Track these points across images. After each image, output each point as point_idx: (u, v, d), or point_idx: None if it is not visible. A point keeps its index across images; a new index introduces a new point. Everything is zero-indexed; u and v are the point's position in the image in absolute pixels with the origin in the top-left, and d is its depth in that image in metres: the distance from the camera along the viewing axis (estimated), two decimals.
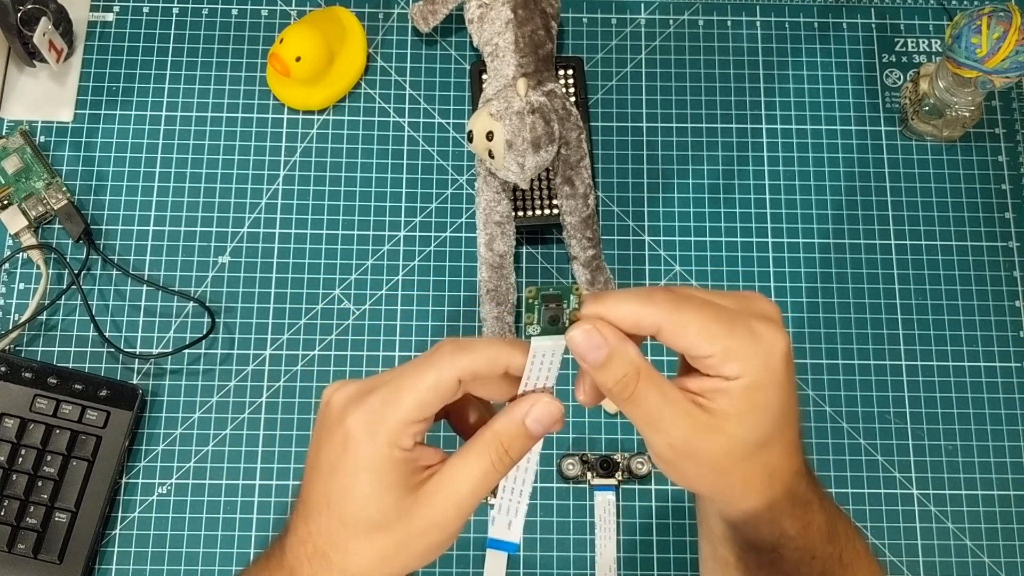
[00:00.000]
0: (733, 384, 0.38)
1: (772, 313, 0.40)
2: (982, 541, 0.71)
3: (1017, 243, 0.78)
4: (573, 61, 0.77)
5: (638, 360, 0.39)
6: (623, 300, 0.39)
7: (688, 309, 0.38)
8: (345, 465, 0.39)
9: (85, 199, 0.77)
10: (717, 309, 0.39)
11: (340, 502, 0.40)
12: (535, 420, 0.40)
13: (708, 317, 0.38)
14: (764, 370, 0.38)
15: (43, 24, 0.74)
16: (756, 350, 0.38)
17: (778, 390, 0.39)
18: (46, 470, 0.69)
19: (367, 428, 0.39)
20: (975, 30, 0.69)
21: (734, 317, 0.39)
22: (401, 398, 0.39)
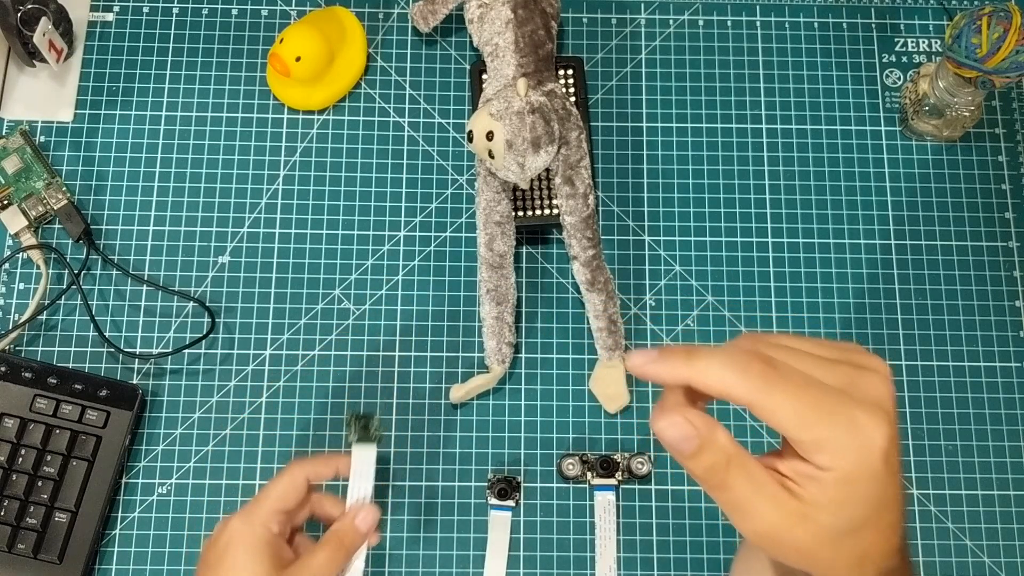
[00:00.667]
0: (825, 475, 0.36)
1: (880, 393, 0.37)
2: (982, 541, 0.71)
3: (1017, 243, 0.78)
4: (573, 61, 0.77)
5: (729, 447, 0.38)
6: (715, 366, 0.36)
7: (783, 390, 0.36)
8: (230, 551, 0.55)
9: (85, 199, 0.77)
10: (815, 392, 0.36)
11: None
12: (362, 520, 0.58)
13: (804, 402, 0.36)
14: (859, 464, 0.36)
15: (43, 24, 0.74)
16: (853, 443, 0.36)
17: (874, 483, 0.36)
18: (46, 470, 0.69)
19: (245, 520, 0.56)
20: (975, 30, 0.69)
21: (833, 403, 0.36)
22: (266, 494, 0.57)
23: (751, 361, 0.36)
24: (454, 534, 0.71)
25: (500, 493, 0.70)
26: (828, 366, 0.37)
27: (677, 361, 0.37)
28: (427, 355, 0.74)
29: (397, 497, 0.71)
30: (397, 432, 0.73)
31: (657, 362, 0.37)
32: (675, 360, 0.37)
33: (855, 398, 0.36)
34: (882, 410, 0.36)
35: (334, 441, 0.72)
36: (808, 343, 0.39)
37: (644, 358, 0.38)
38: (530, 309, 0.75)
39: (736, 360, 0.36)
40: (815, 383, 0.36)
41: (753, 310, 0.76)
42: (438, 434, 0.73)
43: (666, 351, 0.37)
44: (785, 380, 0.36)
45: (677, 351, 0.37)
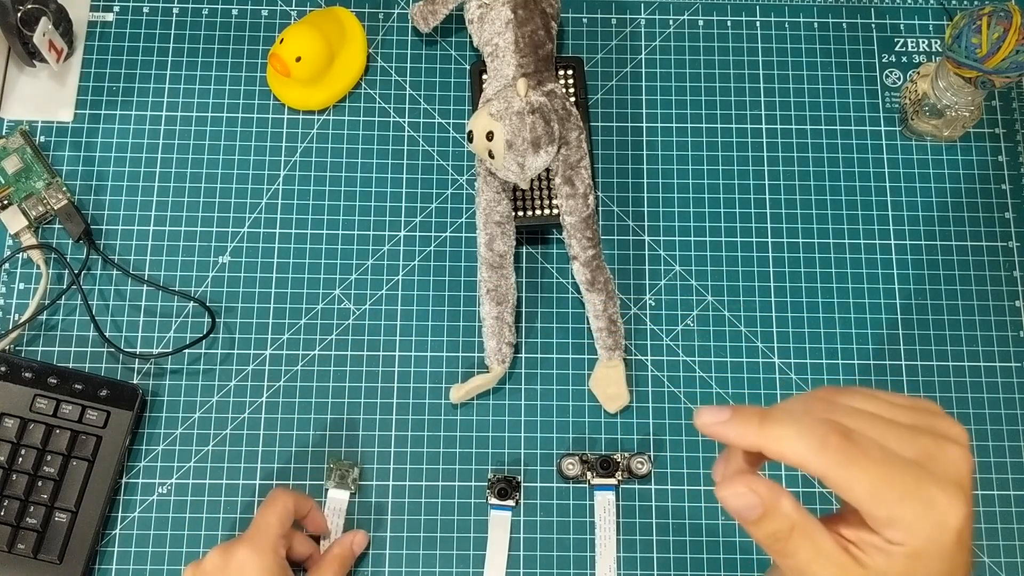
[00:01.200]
0: (895, 549, 0.36)
1: (959, 469, 0.36)
2: (982, 541, 0.71)
3: (1017, 243, 0.78)
4: (573, 61, 0.77)
5: (793, 514, 0.37)
6: (791, 437, 0.36)
7: (861, 466, 0.35)
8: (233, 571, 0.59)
9: (85, 199, 0.77)
10: (893, 469, 0.35)
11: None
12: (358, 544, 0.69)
13: (881, 478, 0.35)
14: (932, 541, 0.36)
15: (43, 24, 0.74)
16: (927, 522, 0.35)
17: (944, 559, 0.36)
18: (46, 470, 0.69)
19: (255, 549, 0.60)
20: (975, 30, 0.69)
21: (911, 481, 0.35)
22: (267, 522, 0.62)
23: (828, 434, 0.35)
24: (454, 534, 0.71)
25: (500, 493, 0.70)
26: (906, 436, 0.37)
27: (751, 426, 0.36)
28: (427, 355, 0.74)
29: (397, 497, 0.71)
30: (397, 432, 0.73)
31: (728, 425, 0.37)
32: (748, 425, 0.36)
33: (934, 474, 0.36)
34: (960, 488, 0.36)
35: (333, 441, 0.72)
36: (885, 404, 0.38)
37: (714, 417, 0.37)
38: (530, 309, 0.75)
39: (813, 432, 0.35)
40: (893, 459, 0.36)
41: (753, 310, 0.76)
42: (438, 434, 0.73)
43: (739, 413, 0.37)
44: (863, 455, 0.35)
45: (750, 415, 0.37)
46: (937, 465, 0.36)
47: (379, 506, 0.71)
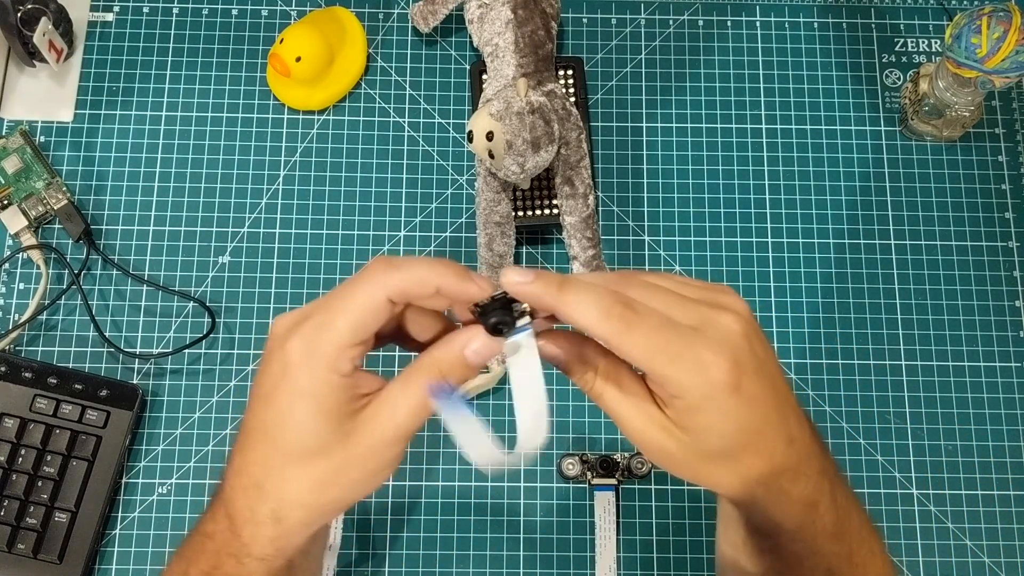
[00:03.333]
0: (676, 402, 0.39)
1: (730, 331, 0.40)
2: (982, 541, 0.71)
3: (1017, 243, 0.78)
4: (573, 61, 0.77)
5: (595, 360, 0.41)
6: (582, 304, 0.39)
7: (638, 331, 0.38)
8: (282, 392, 0.39)
9: (85, 199, 0.77)
10: (667, 333, 0.38)
11: (276, 428, 0.40)
12: (474, 352, 0.40)
13: (655, 342, 0.38)
14: (703, 397, 0.39)
15: (43, 24, 0.74)
16: (697, 379, 0.38)
17: (725, 414, 0.39)
18: (46, 470, 0.69)
19: (305, 354, 0.39)
20: (975, 30, 0.69)
21: (681, 342, 0.38)
22: (334, 322, 0.39)
23: (613, 304, 0.38)
24: (454, 534, 0.71)
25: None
26: (688, 306, 0.40)
27: (550, 290, 0.39)
28: None
29: (397, 497, 0.71)
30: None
31: (530, 286, 0.39)
32: (548, 288, 0.39)
33: (704, 337, 0.39)
34: (727, 347, 0.39)
35: None
36: (676, 282, 0.42)
37: (520, 277, 0.39)
38: None
39: (600, 302, 0.39)
40: (668, 324, 0.39)
41: (753, 310, 0.75)
42: (438, 434, 0.73)
43: (541, 277, 0.39)
44: (640, 322, 0.38)
45: (551, 280, 0.39)
46: (710, 329, 0.39)
47: (379, 506, 0.71)
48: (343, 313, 0.39)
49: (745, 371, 0.39)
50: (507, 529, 0.71)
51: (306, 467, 0.39)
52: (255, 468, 0.40)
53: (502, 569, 0.70)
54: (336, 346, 0.39)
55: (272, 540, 0.40)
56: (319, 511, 0.41)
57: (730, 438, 0.40)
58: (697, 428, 0.40)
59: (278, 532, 0.40)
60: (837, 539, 0.44)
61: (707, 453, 0.40)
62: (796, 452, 0.41)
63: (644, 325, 0.38)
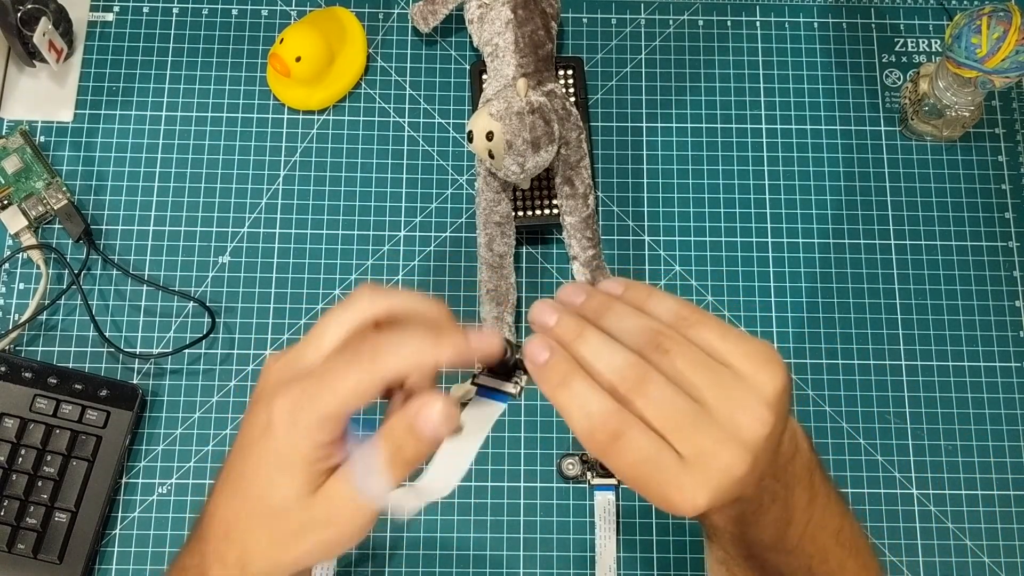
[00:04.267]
0: None
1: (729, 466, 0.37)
2: (982, 541, 0.71)
3: (1017, 243, 0.78)
4: (573, 61, 0.77)
5: None
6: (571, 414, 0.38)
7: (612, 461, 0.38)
8: (260, 448, 0.40)
9: (85, 199, 0.77)
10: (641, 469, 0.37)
11: (247, 481, 0.40)
12: (424, 421, 0.39)
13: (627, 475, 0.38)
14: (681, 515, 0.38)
15: (43, 24, 0.74)
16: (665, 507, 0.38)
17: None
18: (46, 470, 0.69)
19: (290, 419, 0.39)
20: (975, 30, 0.69)
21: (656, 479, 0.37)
22: (324, 396, 0.39)
23: (599, 431, 0.37)
24: (454, 534, 0.71)
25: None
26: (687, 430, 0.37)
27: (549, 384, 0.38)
28: None
29: None
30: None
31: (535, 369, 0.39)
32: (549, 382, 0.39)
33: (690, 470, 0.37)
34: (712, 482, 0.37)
35: None
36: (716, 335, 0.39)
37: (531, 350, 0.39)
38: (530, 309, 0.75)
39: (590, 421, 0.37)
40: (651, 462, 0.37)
41: (753, 310, 0.76)
42: None
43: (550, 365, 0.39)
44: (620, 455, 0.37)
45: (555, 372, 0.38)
46: (697, 465, 0.37)
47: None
48: (334, 392, 0.39)
49: (723, 497, 0.38)
50: (507, 529, 0.71)
51: (268, 523, 0.40)
52: (227, 513, 0.41)
53: (502, 569, 0.70)
54: (320, 419, 0.39)
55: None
56: (281, 567, 0.41)
57: None
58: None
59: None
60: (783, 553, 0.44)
61: None
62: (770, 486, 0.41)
63: (621, 459, 0.37)
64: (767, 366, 0.38)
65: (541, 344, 0.39)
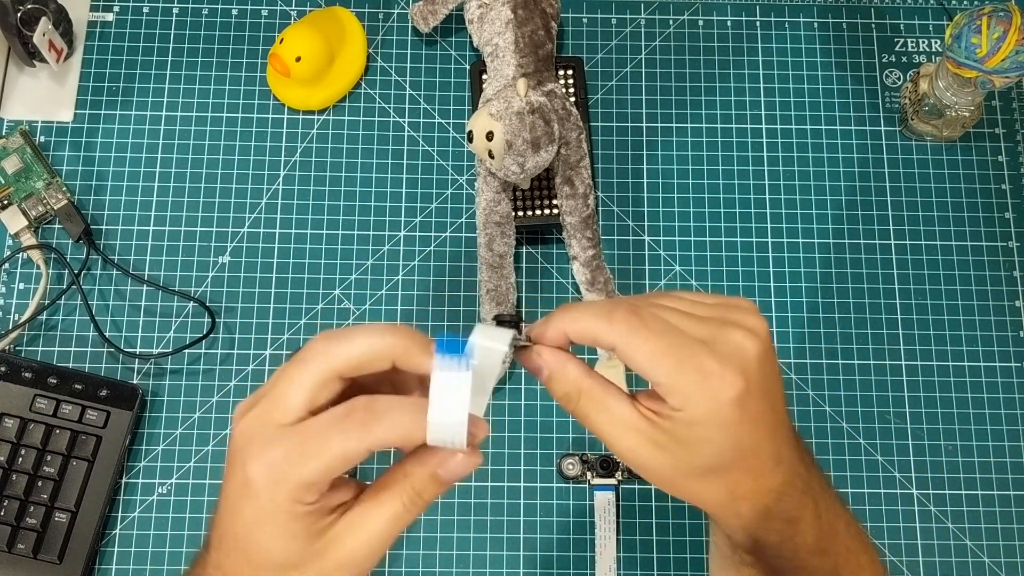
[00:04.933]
0: (676, 415, 0.39)
1: (742, 346, 0.39)
2: (982, 541, 0.71)
3: (1017, 243, 0.78)
4: (573, 61, 0.77)
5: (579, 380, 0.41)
6: (583, 316, 0.39)
7: (643, 335, 0.38)
8: (246, 509, 0.38)
9: (85, 199, 0.77)
10: (672, 339, 0.38)
11: (245, 541, 0.39)
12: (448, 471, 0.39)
13: (660, 347, 0.38)
14: (707, 411, 0.38)
15: (43, 24, 0.74)
16: (702, 391, 0.38)
17: (727, 429, 0.39)
18: (46, 470, 0.69)
19: (268, 481, 0.37)
20: (975, 30, 0.69)
21: (688, 352, 0.38)
22: (308, 462, 0.37)
23: (616, 308, 0.39)
24: (454, 534, 0.71)
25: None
26: (698, 320, 0.40)
27: (556, 316, 0.40)
28: None
29: None
30: None
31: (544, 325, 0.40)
32: (556, 318, 0.40)
33: (713, 350, 0.38)
34: (736, 362, 0.38)
35: None
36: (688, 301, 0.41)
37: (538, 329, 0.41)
38: (530, 309, 0.75)
39: (603, 310, 0.39)
40: (675, 332, 0.39)
41: None
42: None
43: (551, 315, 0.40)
44: (646, 327, 0.38)
45: (559, 310, 0.40)
46: (720, 344, 0.39)
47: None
48: (318, 459, 0.37)
49: (751, 389, 0.39)
50: (507, 529, 0.71)
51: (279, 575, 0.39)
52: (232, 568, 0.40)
53: (502, 569, 0.70)
54: (303, 483, 0.37)
55: None
56: None
57: (724, 454, 0.40)
58: (693, 441, 0.39)
59: None
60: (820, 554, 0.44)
61: (698, 468, 0.40)
62: (782, 472, 0.41)
63: (647, 329, 0.38)
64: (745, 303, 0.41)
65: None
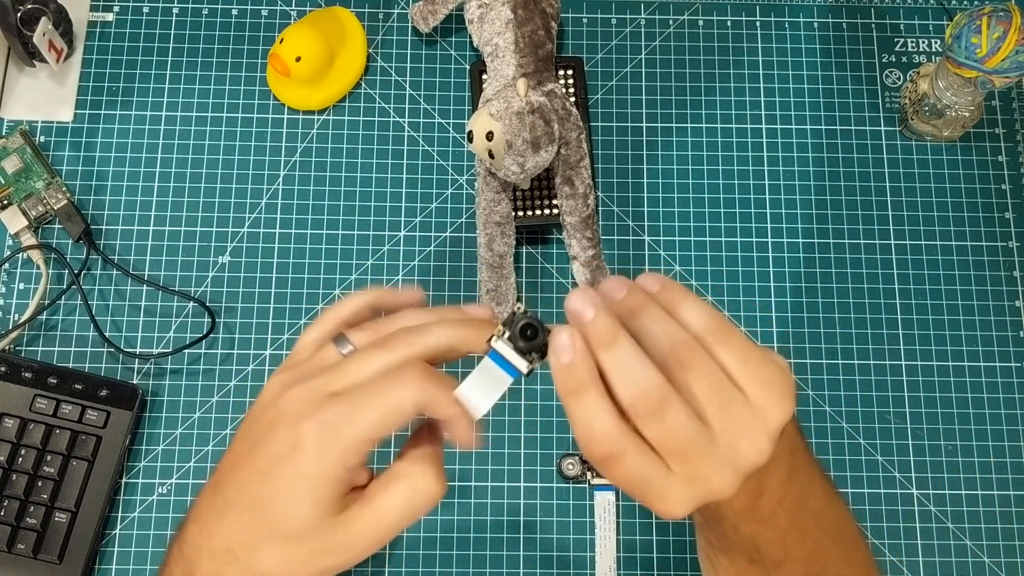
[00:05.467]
0: None
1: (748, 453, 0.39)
2: (982, 541, 0.71)
3: (1017, 243, 0.78)
4: (573, 61, 0.77)
5: None
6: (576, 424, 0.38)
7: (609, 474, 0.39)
8: (285, 473, 0.39)
9: (85, 199, 0.77)
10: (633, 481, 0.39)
11: (268, 506, 0.39)
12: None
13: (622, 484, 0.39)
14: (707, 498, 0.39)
15: (43, 24, 0.74)
16: (657, 511, 0.39)
17: None
18: (46, 470, 0.69)
19: (322, 443, 0.39)
20: (975, 30, 0.69)
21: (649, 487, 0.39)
22: (360, 417, 0.39)
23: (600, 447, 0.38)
24: (454, 534, 0.71)
25: None
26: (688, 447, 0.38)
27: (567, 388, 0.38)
28: None
29: None
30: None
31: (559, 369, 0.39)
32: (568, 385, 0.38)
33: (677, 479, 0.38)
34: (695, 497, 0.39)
35: None
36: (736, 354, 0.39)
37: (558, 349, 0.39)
38: (530, 309, 0.75)
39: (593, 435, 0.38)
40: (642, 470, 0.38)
41: (753, 310, 0.76)
42: None
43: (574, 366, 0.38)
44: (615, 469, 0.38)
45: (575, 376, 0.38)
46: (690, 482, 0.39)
47: None
48: (371, 413, 0.39)
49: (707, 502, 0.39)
50: (507, 529, 0.71)
51: (283, 546, 0.40)
52: (231, 534, 0.40)
53: (502, 569, 0.70)
54: (356, 442, 0.39)
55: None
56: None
57: None
58: None
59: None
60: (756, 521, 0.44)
61: None
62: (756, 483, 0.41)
63: (616, 472, 0.38)
64: (779, 399, 0.39)
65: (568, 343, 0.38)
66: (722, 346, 0.39)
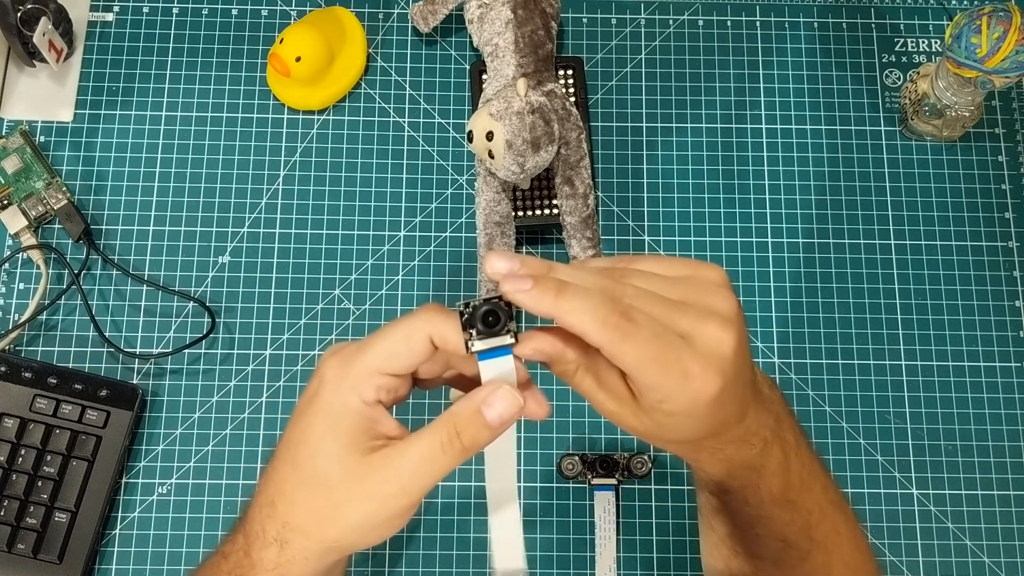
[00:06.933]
0: (657, 404, 0.40)
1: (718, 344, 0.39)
2: (982, 541, 0.71)
3: (1017, 243, 0.78)
4: (573, 61, 0.77)
5: (576, 359, 0.41)
6: (578, 311, 0.38)
7: (630, 342, 0.38)
8: (310, 409, 0.41)
9: (85, 199, 0.77)
10: (657, 344, 0.38)
11: (297, 447, 0.41)
12: (490, 407, 0.40)
13: (647, 353, 0.38)
14: (686, 406, 0.40)
15: (43, 24, 0.74)
16: (682, 391, 0.39)
17: (700, 419, 0.40)
18: (46, 470, 0.69)
19: (338, 373, 0.41)
20: (975, 30, 0.69)
21: (674, 354, 0.39)
22: (372, 346, 0.41)
23: (609, 313, 0.38)
24: (454, 534, 0.71)
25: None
26: (678, 310, 0.40)
27: (546, 298, 0.38)
28: None
29: None
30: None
31: (528, 294, 0.38)
32: (544, 296, 0.38)
33: (693, 348, 0.39)
34: (715, 362, 0.39)
35: None
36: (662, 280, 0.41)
37: (508, 266, 0.39)
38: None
39: (597, 310, 0.38)
40: (660, 336, 0.39)
41: (753, 310, 0.76)
42: None
43: (538, 285, 0.38)
44: (635, 332, 0.38)
45: (548, 288, 0.38)
46: (699, 339, 0.39)
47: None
48: (381, 339, 0.41)
49: (727, 383, 0.40)
50: None
51: (312, 493, 0.40)
52: (272, 486, 0.42)
53: None
54: (366, 368, 0.40)
55: (275, 566, 0.41)
56: (318, 546, 0.41)
57: (697, 433, 0.42)
58: (670, 425, 0.41)
59: (281, 558, 0.41)
60: (787, 506, 0.46)
61: (671, 440, 0.43)
62: (745, 426, 0.43)
63: (638, 336, 0.38)
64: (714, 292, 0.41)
65: (519, 277, 0.39)
66: (644, 259, 0.42)
